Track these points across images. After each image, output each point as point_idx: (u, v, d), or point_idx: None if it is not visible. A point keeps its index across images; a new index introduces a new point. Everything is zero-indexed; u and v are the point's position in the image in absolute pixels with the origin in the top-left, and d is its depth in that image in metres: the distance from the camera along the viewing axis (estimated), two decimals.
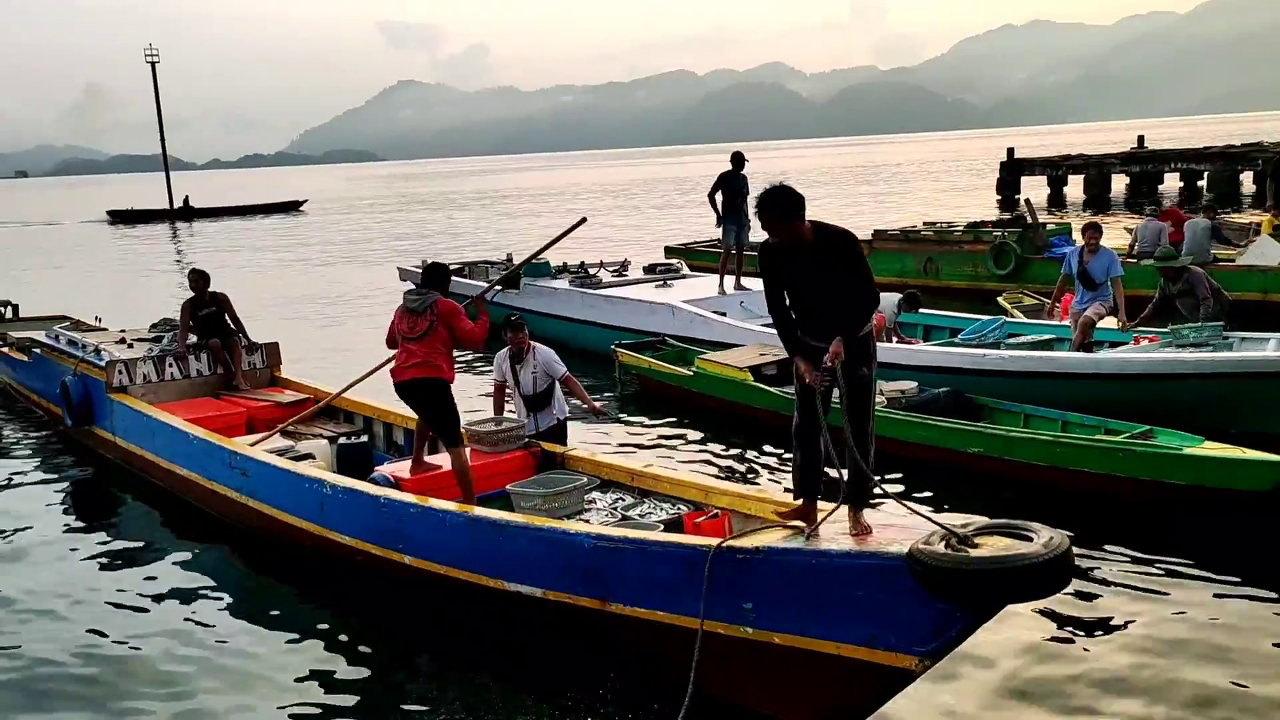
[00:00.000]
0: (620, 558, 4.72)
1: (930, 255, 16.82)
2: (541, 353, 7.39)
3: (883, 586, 4.00)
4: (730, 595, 4.33)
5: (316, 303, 19.89)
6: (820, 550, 4.19)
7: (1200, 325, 9.15)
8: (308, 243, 35.85)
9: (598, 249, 24.63)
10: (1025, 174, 38.40)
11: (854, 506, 4.33)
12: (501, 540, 5.20)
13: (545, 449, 6.82)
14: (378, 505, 5.85)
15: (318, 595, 6.29)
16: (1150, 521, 6.86)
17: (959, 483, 7.66)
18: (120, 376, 8.76)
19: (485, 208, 51.96)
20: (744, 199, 13.03)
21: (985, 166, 54.72)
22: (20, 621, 6.08)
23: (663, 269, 15.16)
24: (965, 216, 22.88)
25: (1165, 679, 4.86)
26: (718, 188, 13.07)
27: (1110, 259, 9.88)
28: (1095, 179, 36.59)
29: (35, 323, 13.21)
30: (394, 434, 8.15)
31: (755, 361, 9.93)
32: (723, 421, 9.72)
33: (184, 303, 9.50)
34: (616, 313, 13.00)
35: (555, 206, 49.71)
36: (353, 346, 14.66)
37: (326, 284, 22.76)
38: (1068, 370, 8.88)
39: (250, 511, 6.94)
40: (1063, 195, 36.93)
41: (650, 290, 13.68)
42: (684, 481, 6.20)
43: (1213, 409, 8.05)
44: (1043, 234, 16.09)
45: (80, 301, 17.23)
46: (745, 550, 4.31)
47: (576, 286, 14.07)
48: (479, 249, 26.73)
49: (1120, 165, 36.99)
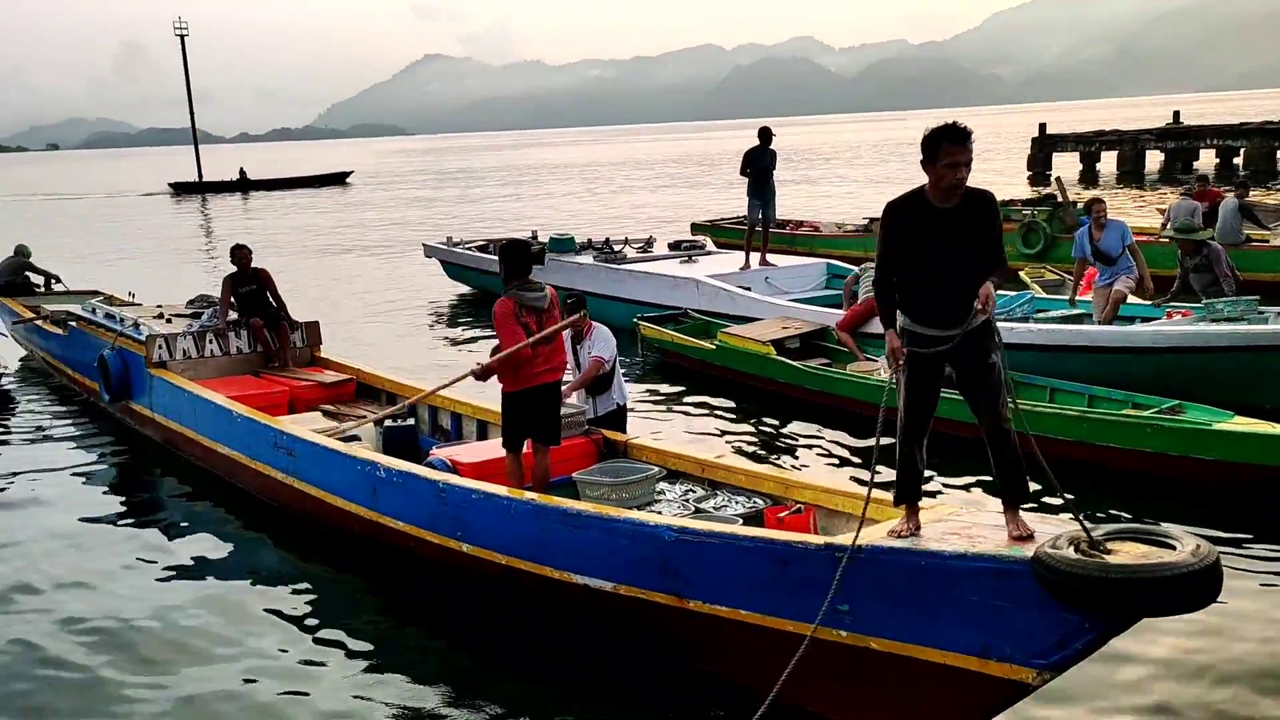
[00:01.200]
0: (703, 552, 4.43)
1: None
2: (599, 333, 7.03)
3: (1002, 592, 3.68)
4: (826, 594, 4.02)
5: (357, 280, 19.70)
6: (931, 551, 3.86)
7: (1235, 300, 9.01)
8: (359, 215, 36.02)
9: (623, 226, 24.72)
10: (1057, 150, 37.82)
11: (1010, 505, 3.93)
12: (571, 531, 4.92)
13: (607, 436, 6.54)
14: (436, 491, 5.56)
15: (368, 582, 6.05)
16: (1180, 498, 6.68)
17: (983, 458, 7.58)
18: (160, 351, 8.57)
19: (519, 184, 51.84)
20: (770, 175, 12.97)
21: (1016, 143, 54.07)
22: (61, 603, 5.88)
23: (688, 245, 15.12)
24: (997, 193, 22.60)
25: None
26: (747, 164, 13.01)
27: (1121, 230, 9.65)
28: (1129, 155, 35.96)
29: (68, 297, 13.09)
30: (439, 418, 7.89)
31: (778, 335, 9.86)
32: (744, 395, 9.66)
33: (225, 278, 9.32)
34: (641, 288, 12.99)
35: (583, 182, 49.62)
36: (393, 325, 14.65)
37: (377, 261, 22.54)
38: (1098, 344, 8.76)
39: (296, 493, 6.71)
40: (1095, 172, 36.34)
41: (675, 265, 13.66)
42: (760, 474, 5.88)
43: (1246, 384, 7.93)
44: (1073, 213, 15.81)
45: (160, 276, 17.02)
46: (845, 549, 4.01)
47: (601, 262, 14.07)
48: (515, 225, 26.70)
49: (1155, 141, 36.28)
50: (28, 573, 6.32)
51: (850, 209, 25.46)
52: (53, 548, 6.72)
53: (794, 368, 9.29)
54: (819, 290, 12.63)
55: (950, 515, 4.29)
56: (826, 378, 9.07)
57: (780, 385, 9.42)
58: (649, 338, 11.05)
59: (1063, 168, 34.84)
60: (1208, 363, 8.16)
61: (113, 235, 32.00)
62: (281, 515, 6.98)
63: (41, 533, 6.98)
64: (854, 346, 9.69)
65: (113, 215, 41.64)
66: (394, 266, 21.05)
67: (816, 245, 17.43)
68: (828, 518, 5.24)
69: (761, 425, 8.92)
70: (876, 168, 47.73)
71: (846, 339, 9.79)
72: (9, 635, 5.48)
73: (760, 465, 6.45)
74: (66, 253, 23.66)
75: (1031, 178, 35.25)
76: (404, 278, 19.26)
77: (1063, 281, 12.16)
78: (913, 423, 4.07)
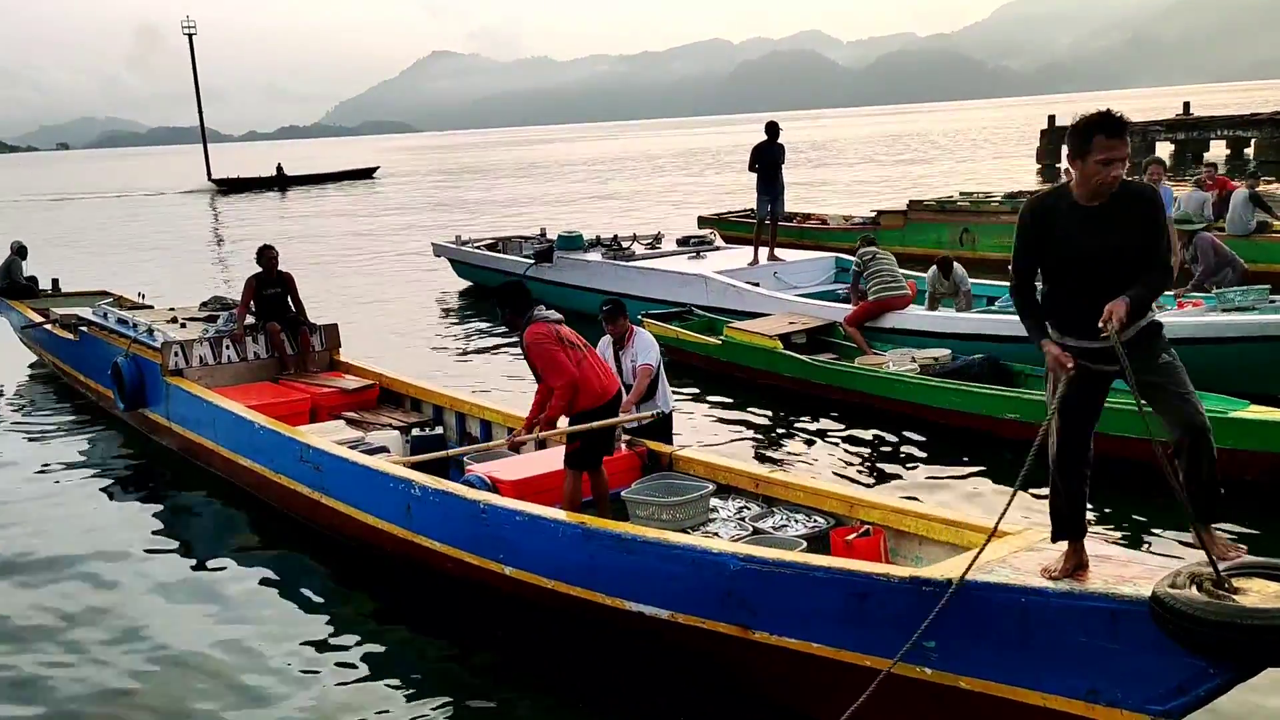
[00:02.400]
0: (772, 582, 4.17)
1: (966, 226, 16.59)
2: (640, 339, 6.72)
3: (1113, 633, 3.41)
4: (909, 630, 3.76)
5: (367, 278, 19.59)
6: (1033, 588, 3.57)
7: (1246, 289, 8.99)
8: (387, 208, 36.35)
9: (632, 222, 24.71)
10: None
11: (1203, 526, 3.49)
12: (624, 556, 4.66)
13: (650, 448, 6.20)
14: (476, 511, 5.27)
15: (401, 603, 5.78)
16: None
17: (994, 450, 7.52)
18: (176, 359, 8.29)
19: (532, 179, 51.88)
20: (779, 169, 12.96)
21: (1026, 135, 53.84)
22: (76, 622, 5.66)
23: (696, 240, 15.10)
24: (1005, 186, 22.56)
25: None
26: (755, 159, 13.00)
27: (1169, 197, 9.27)
28: (1139, 147, 35.70)
29: (76, 299, 12.77)
30: (467, 424, 7.61)
31: (784, 330, 9.80)
32: (752, 390, 9.59)
33: (249, 279, 9.05)
34: (649, 284, 12.97)
35: (591, 177, 49.61)
36: (411, 328, 14.34)
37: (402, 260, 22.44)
38: None
39: (323, 509, 6.42)
40: None
41: (683, 262, 13.63)
42: (821, 490, 5.52)
43: (1259, 374, 7.89)
44: None
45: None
46: (935, 583, 3.73)
47: (609, 259, 14.08)
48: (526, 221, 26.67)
49: (1165, 132, 36.07)
50: (44, 583, 6.18)
51: (858, 202, 25.44)
52: (64, 560, 6.52)
53: (802, 362, 9.27)
54: (828, 284, 12.60)
55: (1043, 543, 3.99)
56: (834, 372, 9.04)
57: (787, 380, 9.41)
58: (655, 335, 11.03)
59: None
60: (1219, 354, 8.11)
61: (176, 234, 31.55)
62: (307, 529, 6.72)
63: (59, 541, 6.82)
64: (862, 341, 9.67)
65: (166, 213, 41.42)
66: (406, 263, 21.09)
67: (824, 238, 17.41)
68: (897, 539, 4.94)
69: (770, 421, 8.88)
70: (885, 161, 47.55)
71: (855, 334, 9.77)
72: (27, 649, 5.38)
73: (820, 480, 6.14)
74: (132, 255, 23.55)
75: (1041, 170, 35.11)
76: (414, 275, 19.22)
77: None
78: (1070, 445, 3.63)
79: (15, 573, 6.39)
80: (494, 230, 22.07)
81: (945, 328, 9.53)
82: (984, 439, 7.73)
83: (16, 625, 5.67)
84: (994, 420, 7.73)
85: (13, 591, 6.12)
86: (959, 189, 21.58)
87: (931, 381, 8.25)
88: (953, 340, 9.22)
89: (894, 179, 35.55)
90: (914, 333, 9.63)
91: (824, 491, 5.48)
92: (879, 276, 9.93)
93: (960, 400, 7.96)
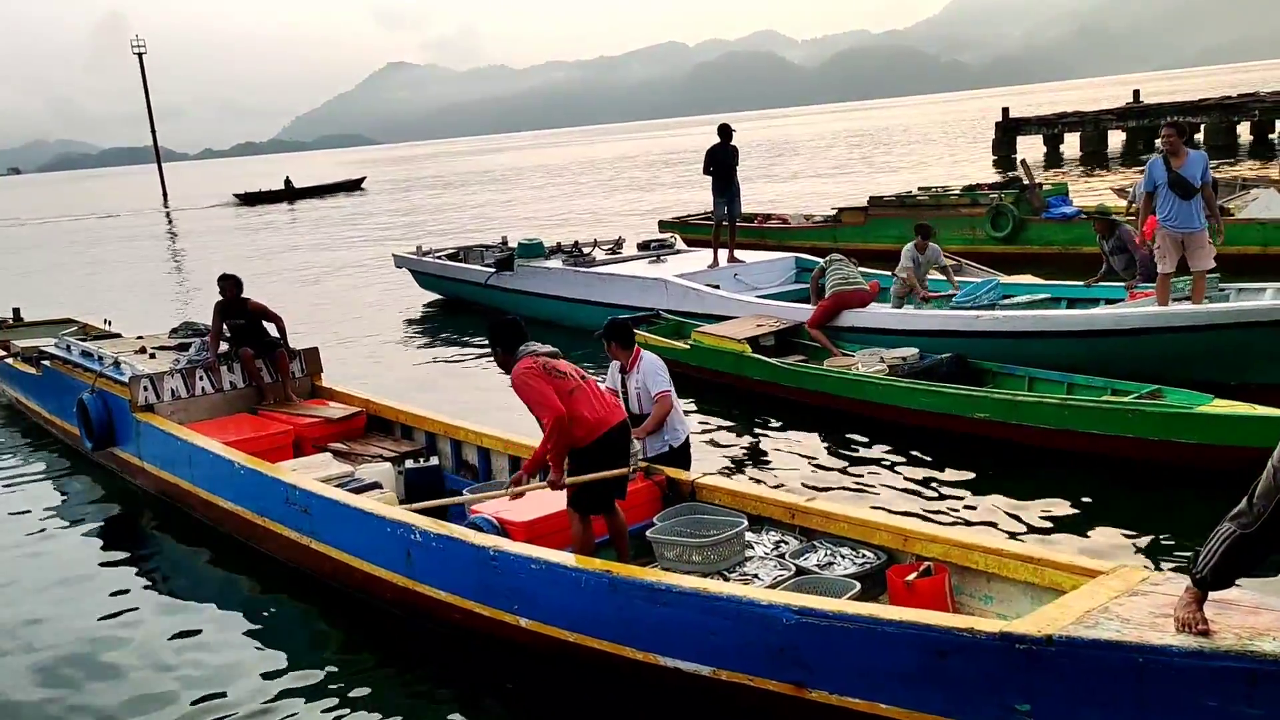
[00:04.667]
0: (834, 638, 3.74)
1: (926, 221, 16.70)
2: (646, 363, 6.21)
3: (1249, 697, 3.00)
4: (996, 692, 3.42)
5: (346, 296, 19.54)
6: (1151, 646, 3.14)
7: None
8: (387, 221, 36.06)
9: (593, 227, 24.65)
10: (1021, 134, 38.23)
11: None
12: (657, 608, 4.22)
13: (670, 476, 5.73)
14: (485, 558, 4.84)
15: (404, 655, 5.33)
16: (1168, 483, 6.67)
17: (964, 451, 7.53)
18: (146, 394, 7.75)
19: (491, 189, 51.67)
20: (734, 171, 12.96)
21: (980, 128, 54.39)
22: (48, 683, 5.25)
23: (656, 245, 15.10)
24: (961, 180, 22.75)
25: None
26: (709, 162, 13.00)
27: (1205, 160, 8.56)
28: (1091, 136, 36.36)
29: (39, 328, 12.20)
30: (464, 452, 7.19)
31: (752, 333, 9.81)
32: (721, 394, 9.59)
33: (215, 305, 8.58)
34: (610, 290, 12.93)
35: (552, 184, 49.51)
36: (380, 346, 14.11)
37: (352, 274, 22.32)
38: (1063, 328, 8.81)
39: (314, 555, 5.96)
40: (1059, 154, 36.71)
41: (644, 266, 13.62)
42: (868, 521, 5.01)
43: (1211, 362, 7.99)
44: (1040, 194, 15.97)
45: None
46: (1031, 639, 3.32)
47: (570, 265, 14.00)
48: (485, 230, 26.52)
49: (1116, 121, 36.68)
50: (10, 646, 5.74)
51: (818, 200, 25.52)
52: (31, 616, 6.07)
53: (771, 365, 9.25)
54: (789, 285, 12.63)
55: (1145, 584, 3.61)
56: (804, 374, 9.04)
57: (757, 383, 9.39)
58: None
59: (1027, 151, 35.08)
60: (1170, 344, 8.20)
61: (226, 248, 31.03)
62: (297, 575, 6.25)
63: (21, 593, 6.40)
64: (827, 342, 9.68)
65: (201, 229, 41.14)
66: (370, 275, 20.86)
67: (785, 238, 17.44)
68: (960, 575, 4.51)
69: (741, 425, 8.87)
70: (842, 158, 47.84)
71: (819, 336, 9.77)
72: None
73: (865, 510, 5.62)
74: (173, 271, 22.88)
75: (996, 162, 35.50)
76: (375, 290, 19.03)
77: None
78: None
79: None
80: (456, 239, 21.91)
81: (907, 325, 9.56)
82: (954, 439, 7.74)
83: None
84: (964, 420, 7.74)
85: None
86: (918, 184, 21.70)
87: (900, 382, 8.25)
88: (915, 338, 9.23)
89: (853, 176, 35.76)
90: (880, 330, 9.65)
91: (871, 523, 5.00)
92: (837, 275, 9.99)
93: (930, 401, 7.97)
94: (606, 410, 5.20)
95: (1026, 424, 7.44)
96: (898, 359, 8.80)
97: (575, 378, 5.20)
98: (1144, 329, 8.38)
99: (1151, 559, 5.71)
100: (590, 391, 5.20)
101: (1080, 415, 7.23)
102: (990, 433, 7.62)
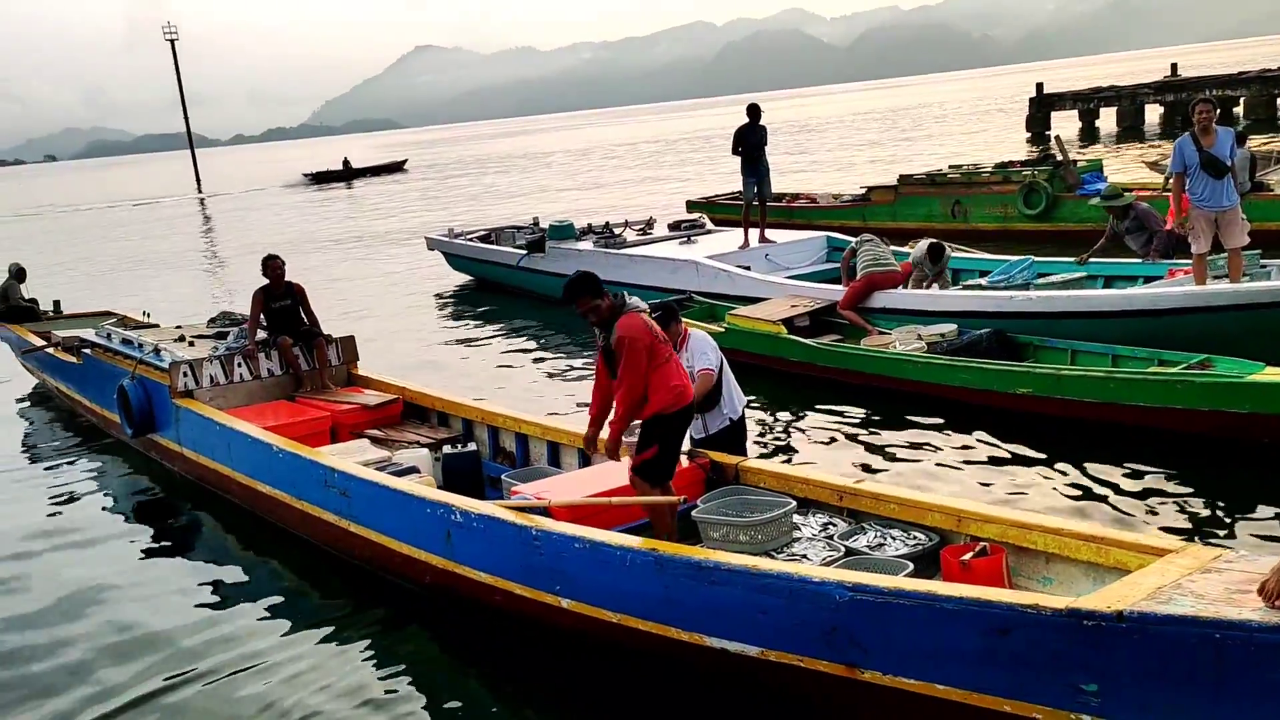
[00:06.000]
0: (889, 615, 3.66)
1: (958, 198, 16.56)
2: (695, 341, 6.16)
3: None
4: (1062, 671, 3.31)
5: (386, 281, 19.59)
6: (1229, 621, 3.01)
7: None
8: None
9: (623, 208, 24.64)
10: (1055, 109, 37.69)
11: None
12: (704, 587, 4.14)
13: (714, 459, 5.63)
14: (528, 539, 4.79)
15: (444, 640, 5.32)
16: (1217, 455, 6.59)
17: (1008, 427, 7.45)
18: (185, 379, 7.83)
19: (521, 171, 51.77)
20: (763, 151, 12.93)
21: (1013, 104, 53.67)
22: (95, 666, 5.33)
23: (687, 225, 15.08)
24: (994, 157, 22.48)
25: None
26: (738, 142, 12.98)
27: (1232, 136, 8.66)
28: (1128, 111, 35.78)
29: (79, 320, 12.34)
30: (500, 438, 7.12)
31: (787, 314, 9.74)
32: (758, 376, 9.42)
33: (256, 292, 8.53)
34: (641, 272, 12.94)
35: (581, 166, 49.47)
36: (414, 331, 14.10)
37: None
38: (1101, 308, 8.70)
39: (352, 537, 5.97)
40: (1095, 129, 36.18)
41: (674, 247, 13.61)
42: (920, 502, 4.90)
43: (1253, 341, 7.87)
44: (1074, 171, 15.76)
45: None
46: (1099, 615, 3.20)
47: (600, 247, 14.03)
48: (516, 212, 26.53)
49: (1154, 95, 36.05)
50: (58, 621, 5.91)
51: (847, 180, 25.36)
52: (77, 600, 6.20)
53: (808, 346, 9.23)
54: (820, 264, 12.59)
55: (1219, 562, 3.49)
56: (842, 354, 9.01)
57: (794, 364, 9.37)
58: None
59: (1061, 127, 34.63)
60: (1208, 324, 8.09)
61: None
62: (335, 559, 6.30)
63: (67, 581, 6.48)
64: (862, 322, 9.65)
65: (297, 204, 42.42)
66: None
67: (815, 217, 17.36)
68: (1017, 556, 4.40)
69: (780, 408, 8.79)
70: (872, 137, 47.41)
71: (852, 316, 9.74)
72: (46, 693, 5.12)
73: (916, 491, 5.49)
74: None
75: (1031, 138, 35.04)
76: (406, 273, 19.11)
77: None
78: None
79: (24, 615, 6.09)
80: (494, 220, 21.97)
81: (940, 306, 9.49)
82: (997, 415, 7.68)
83: (33, 670, 5.43)
84: (1007, 396, 7.67)
85: (24, 634, 5.83)
86: (949, 162, 21.51)
87: (940, 360, 8.18)
88: (953, 319, 9.16)
89: (883, 154, 35.45)
90: (913, 312, 9.58)
91: (923, 504, 4.88)
92: (868, 256, 9.94)
93: (971, 377, 7.90)
94: (688, 381, 5.25)
95: (1071, 398, 7.34)
96: (936, 336, 8.73)
97: (670, 345, 5.27)
98: (1184, 309, 8.27)
99: (1213, 534, 5.62)
100: (676, 360, 5.25)
101: (1127, 387, 7.11)
102: (1034, 408, 7.55)
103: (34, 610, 6.16)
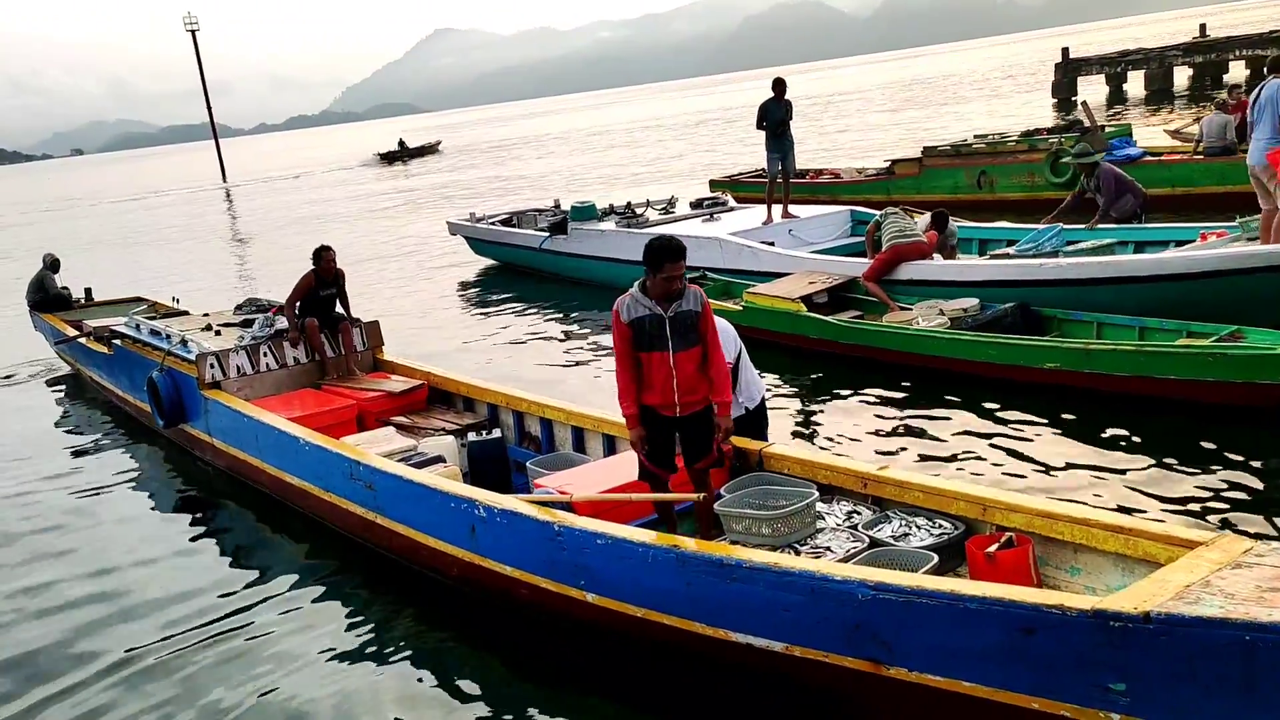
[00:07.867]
0: (912, 614, 3.63)
1: (984, 169, 16.36)
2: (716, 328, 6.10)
3: None
4: (1089, 671, 3.27)
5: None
6: (1260, 624, 2.94)
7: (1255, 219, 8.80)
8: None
9: (645, 188, 24.56)
10: (1082, 74, 37.08)
11: None
12: (727, 584, 4.13)
13: (736, 445, 5.51)
14: (551, 534, 4.78)
15: (470, 633, 5.33)
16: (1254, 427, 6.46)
17: (1034, 402, 7.36)
18: (212, 371, 7.89)
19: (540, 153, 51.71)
20: (787, 126, 12.81)
21: (1039, 70, 52.89)
22: (128, 651, 5.41)
23: (709, 203, 14.99)
24: (1020, 125, 22.17)
25: None
26: (762, 117, 12.88)
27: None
28: (1156, 74, 35.15)
29: (109, 307, 12.65)
30: (526, 424, 7.11)
31: (805, 291, 9.59)
32: (776, 355, 9.30)
33: (303, 277, 8.52)
34: None
35: (601, 145, 49.32)
36: (437, 315, 14.12)
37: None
38: (1132, 274, 8.55)
39: (379, 530, 5.99)
40: (1123, 93, 35.62)
41: (698, 225, 13.54)
42: (944, 490, 4.79)
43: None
44: (1101, 137, 15.53)
45: None
46: (1126, 617, 3.15)
47: (623, 227, 13.98)
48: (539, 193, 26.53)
49: (1183, 57, 35.40)
50: (90, 612, 5.98)
51: (871, 152, 25.11)
52: (110, 583, 6.33)
53: (827, 323, 9.13)
54: (844, 239, 12.49)
55: (1248, 556, 3.41)
56: (864, 331, 8.91)
57: (813, 342, 9.28)
58: None
59: (1089, 92, 34.10)
60: (1245, 286, 7.94)
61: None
62: (363, 549, 6.33)
63: (103, 568, 6.60)
64: (884, 296, 9.55)
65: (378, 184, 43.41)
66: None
67: (838, 192, 17.21)
68: (1044, 546, 4.32)
69: (801, 387, 8.72)
70: (895, 108, 46.89)
71: (876, 289, 9.64)
72: (86, 686, 5.15)
73: (941, 478, 5.36)
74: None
75: (1057, 104, 34.53)
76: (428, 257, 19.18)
77: None
78: None
79: (64, 603, 6.19)
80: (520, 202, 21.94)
81: (967, 276, 9.38)
82: (1022, 390, 7.59)
83: (68, 654, 5.50)
84: (1034, 370, 7.58)
85: (62, 621, 5.93)
86: (973, 132, 21.23)
87: (964, 335, 8.07)
88: (976, 289, 9.07)
89: (907, 126, 35.05)
90: (938, 282, 9.49)
91: (948, 492, 4.77)
92: (894, 227, 9.84)
93: (996, 353, 7.81)
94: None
95: (1100, 371, 7.24)
96: (958, 310, 8.62)
97: None
98: (1219, 271, 8.12)
99: (1243, 515, 5.52)
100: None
101: (1157, 360, 7.00)
102: (1061, 381, 7.45)
103: (66, 594, 6.31)
